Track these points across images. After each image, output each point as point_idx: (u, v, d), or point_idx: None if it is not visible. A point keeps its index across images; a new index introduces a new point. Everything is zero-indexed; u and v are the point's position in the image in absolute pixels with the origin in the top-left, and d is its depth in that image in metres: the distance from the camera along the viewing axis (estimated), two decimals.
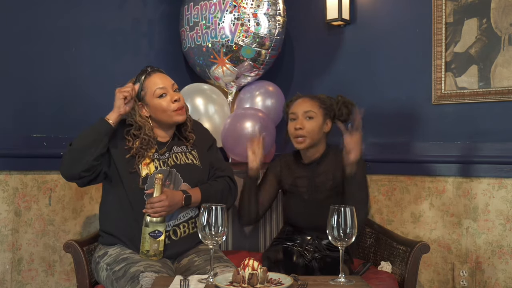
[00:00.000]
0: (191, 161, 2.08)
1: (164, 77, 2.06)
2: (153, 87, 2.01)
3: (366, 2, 2.89)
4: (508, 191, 2.40)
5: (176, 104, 2.01)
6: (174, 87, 2.06)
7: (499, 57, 2.45)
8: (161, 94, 2.01)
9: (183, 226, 2.02)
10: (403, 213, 2.70)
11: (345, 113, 2.30)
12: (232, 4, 2.66)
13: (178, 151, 2.08)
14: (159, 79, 2.03)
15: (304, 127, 2.26)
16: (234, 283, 1.54)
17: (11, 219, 2.26)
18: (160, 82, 2.02)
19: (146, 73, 2.04)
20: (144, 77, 2.03)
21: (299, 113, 2.28)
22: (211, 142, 2.22)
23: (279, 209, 2.60)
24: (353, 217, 1.61)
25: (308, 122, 2.26)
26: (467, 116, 2.55)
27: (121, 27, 2.73)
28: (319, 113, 2.28)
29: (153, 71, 2.05)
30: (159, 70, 2.08)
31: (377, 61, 2.83)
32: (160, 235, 1.90)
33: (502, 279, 2.40)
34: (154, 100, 2.01)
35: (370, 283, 1.79)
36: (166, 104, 2.00)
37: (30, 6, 2.33)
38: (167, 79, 2.06)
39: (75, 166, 1.92)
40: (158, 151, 2.03)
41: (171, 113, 2.01)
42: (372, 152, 2.79)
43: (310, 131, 2.26)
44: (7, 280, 2.24)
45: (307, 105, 2.29)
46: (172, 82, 2.06)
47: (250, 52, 2.70)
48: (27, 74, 2.33)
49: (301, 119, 2.27)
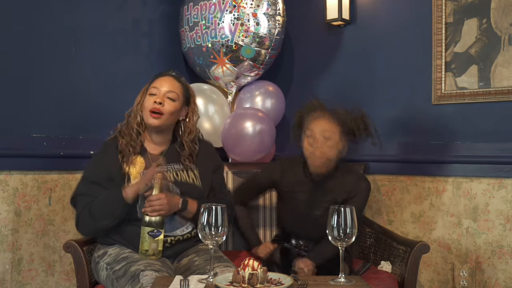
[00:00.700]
0: (192, 180, 2.06)
1: (170, 81, 2.04)
2: (153, 85, 2.04)
3: (366, 2, 2.89)
4: (508, 191, 2.40)
5: (154, 105, 1.98)
6: (170, 94, 2.01)
7: (499, 57, 2.45)
8: (152, 93, 2.02)
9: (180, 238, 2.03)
10: (403, 213, 2.69)
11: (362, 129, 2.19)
12: (232, 4, 2.66)
13: (179, 168, 2.06)
14: (163, 81, 2.03)
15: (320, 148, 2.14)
16: (234, 283, 1.54)
17: (11, 219, 2.26)
18: (159, 84, 2.02)
19: (162, 73, 2.08)
20: (159, 75, 2.07)
21: (316, 134, 2.15)
22: (218, 165, 2.17)
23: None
24: (353, 217, 1.61)
25: (325, 142, 2.14)
26: (467, 116, 2.54)
27: (120, 27, 2.72)
28: (337, 133, 2.16)
29: (168, 74, 2.07)
30: (175, 76, 2.07)
31: (377, 61, 2.83)
32: (158, 234, 1.90)
33: (502, 279, 2.40)
34: (146, 96, 2.03)
35: (370, 283, 1.79)
36: (148, 102, 2.01)
37: (30, 6, 2.33)
38: (170, 84, 2.03)
39: (97, 233, 2.02)
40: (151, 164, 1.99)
41: (147, 112, 2.00)
42: (372, 152, 2.79)
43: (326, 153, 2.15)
44: (7, 280, 2.24)
45: (327, 127, 2.15)
46: (169, 89, 2.01)
47: (250, 52, 2.70)
48: (27, 74, 2.33)
49: (319, 139, 2.15)
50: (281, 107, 2.90)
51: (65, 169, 2.43)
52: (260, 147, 2.64)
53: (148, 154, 2.04)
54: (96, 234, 2.02)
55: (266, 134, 2.64)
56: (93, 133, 2.51)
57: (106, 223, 1.93)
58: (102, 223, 1.93)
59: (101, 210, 1.92)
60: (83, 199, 1.96)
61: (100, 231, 1.98)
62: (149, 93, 2.02)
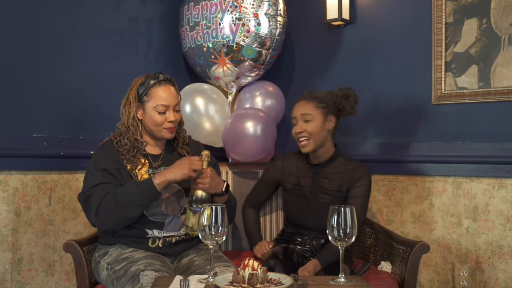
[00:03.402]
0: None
1: (172, 93, 2.01)
2: (157, 100, 1.98)
3: (366, 2, 2.89)
4: (508, 191, 2.40)
5: (169, 124, 2.00)
6: (177, 107, 2.03)
7: (499, 57, 2.45)
8: (162, 112, 1.99)
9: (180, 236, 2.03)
10: (403, 213, 2.70)
11: (346, 106, 2.29)
12: (233, 4, 2.66)
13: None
14: (166, 94, 1.99)
15: (304, 130, 2.26)
16: (234, 283, 1.54)
17: (11, 219, 2.26)
18: (166, 99, 1.99)
19: (158, 81, 2.00)
20: (154, 83, 1.99)
21: (298, 117, 2.29)
22: (212, 163, 2.16)
23: (279, 210, 2.60)
24: (353, 217, 1.61)
25: (307, 124, 2.26)
26: (467, 116, 2.54)
27: (120, 27, 2.72)
28: (316, 114, 2.26)
29: (164, 81, 2.01)
30: (170, 81, 2.04)
31: (377, 61, 2.83)
32: (198, 210, 1.90)
33: (502, 279, 2.40)
34: (152, 112, 1.99)
35: (370, 283, 1.79)
36: (161, 120, 1.99)
37: (30, 6, 2.33)
38: (174, 97, 2.01)
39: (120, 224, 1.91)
40: (152, 165, 2.02)
41: (162, 129, 2.01)
42: (372, 152, 2.80)
43: (310, 133, 2.25)
44: (7, 280, 2.24)
45: (304, 108, 2.28)
46: (176, 102, 2.02)
47: (252, 52, 2.70)
48: (27, 74, 2.33)
49: (300, 123, 2.28)
50: (281, 107, 2.90)
51: (65, 169, 2.43)
52: (262, 147, 2.64)
53: (149, 155, 2.05)
54: (119, 225, 1.91)
55: (268, 134, 2.64)
56: (93, 133, 2.52)
57: (134, 212, 1.87)
58: (130, 212, 1.86)
59: (130, 198, 1.85)
60: (100, 188, 1.88)
61: (125, 221, 1.89)
62: (157, 111, 1.98)
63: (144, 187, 1.86)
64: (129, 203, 1.85)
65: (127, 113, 2.01)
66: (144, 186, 1.87)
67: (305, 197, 2.32)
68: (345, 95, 2.30)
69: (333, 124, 2.30)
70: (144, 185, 1.87)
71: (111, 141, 2.03)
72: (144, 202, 1.88)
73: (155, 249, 1.97)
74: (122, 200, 1.85)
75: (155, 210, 1.95)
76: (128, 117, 2.00)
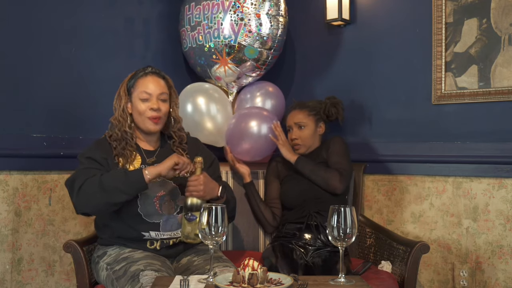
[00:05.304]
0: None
1: (157, 82, 2.03)
2: (141, 88, 2.01)
3: (366, 2, 2.89)
4: (508, 191, 2.40)
5: (151, 112, 2.00)
6: (162, 96, 2.02)
7: (499, 57, 2.45)
8: (145, 99, 2.00)
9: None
10: (403, 213, 2.70)
11: (334, 113, 2.60)
12: (235, 4, 2.66)
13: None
14: (151, 83, 2.02)
15: (298, 137, 2.55)
16: (234, 283, 1.54)
17: (11, 219, 2.26)
18: (149, 87, 2.01)
19: (144, 72, 2.05)
20: (141, 75, 2.04)
21: (292, 125, 2.58)
22: (211, 160, 2.18)
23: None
24: (353, 217, 1.61)
25: (301, 131, 2.56)
26: (467, 116, 2.54)
27: (119, 27, 2.72)
28: (309, 121, 2.56)
29: (150, 73, 2.04)
30: (157, 73, 2.05)
31: (377, 61, 2.83)
32: (193, 218, 1.89)
33: (502, 279, 2.40)
34: (137, 101, 2.01)
35: (370, 283, 1.79)
36: (143, 108, 2.00)
37: (29, 6, 2.33)
38: (159, 85, 2.03)
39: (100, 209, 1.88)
40: (146, 161, 2.02)
41: (145, 118, 2.00)
42: (372, 152, 2.79)
43: (304, 139, 2.56)
44: (7, 280, 2.24)
45: (297, 117, 2.57)
46: (160, 91, 2.02)
47: (254, 52, 2.70)
48: (27, 74, 2.33)
49: (295, 130, 2.57)
50: (281, 107, 2.90)
51: (65, 169, 2.42)
52: (266, 146, 2.64)
53: (143, 151, 2.05)
54: (99, 209, 1.90)
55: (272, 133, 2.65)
56: (93, 133, 2.51)
57: (116, 198, 1.83)
58: (113, 197, 1.82)
59: (116, 183, 1.82)
60: (85, 171, 1.88)
61: (106, 206, 1.85)
62: (140, 98, 2.00)
63: (132, 174, 1.86)
64: (114, 188, 1.82)
65: (118, 106, 2.04)
66: (132, 174, 1.87)
67: (297, 179, 2.48)
68: (333, 103, 2.61)
69: (322, 130, 2.61)
70: (133, 173, 1.88)
71: (105, 137, 2.05)
72: (129, 189, 1.84)
73: (153, 251, 1.97)
74: (107, 183, 1.83)
75: (149, 208, 1.94)
76: (119, 110, 2.03)
